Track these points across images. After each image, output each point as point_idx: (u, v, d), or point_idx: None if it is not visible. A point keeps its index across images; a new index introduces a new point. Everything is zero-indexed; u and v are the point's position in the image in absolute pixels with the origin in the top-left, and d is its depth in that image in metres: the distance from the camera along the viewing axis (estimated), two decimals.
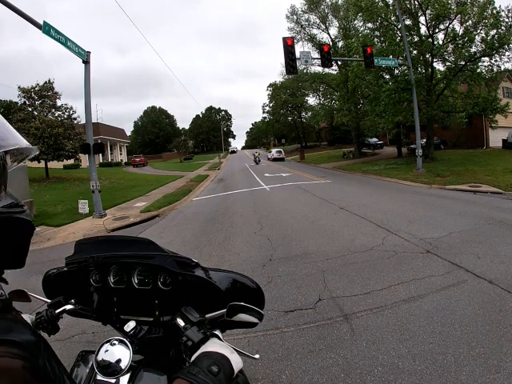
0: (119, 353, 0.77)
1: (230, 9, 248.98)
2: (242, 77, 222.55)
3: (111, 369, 0.75)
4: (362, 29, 21.91)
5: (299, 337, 2.52)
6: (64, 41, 7.95)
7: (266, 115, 60.66)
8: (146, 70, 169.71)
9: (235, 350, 0.83)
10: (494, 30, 14.83)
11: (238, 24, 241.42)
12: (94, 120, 11.30)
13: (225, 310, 0.82)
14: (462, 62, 15.80)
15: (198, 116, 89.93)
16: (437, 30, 16.80)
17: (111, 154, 42.34)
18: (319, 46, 20.35)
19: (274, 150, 35.97)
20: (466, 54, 15.45)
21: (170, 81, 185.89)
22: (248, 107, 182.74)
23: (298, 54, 13.64)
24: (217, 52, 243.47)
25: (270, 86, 52.33)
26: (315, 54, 22.26)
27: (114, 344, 0.78)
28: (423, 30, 17.08)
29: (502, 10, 14.74)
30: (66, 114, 20.14)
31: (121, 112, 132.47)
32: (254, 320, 0.84)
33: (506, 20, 14.76)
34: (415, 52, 16.72)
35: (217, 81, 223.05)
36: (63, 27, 7.93)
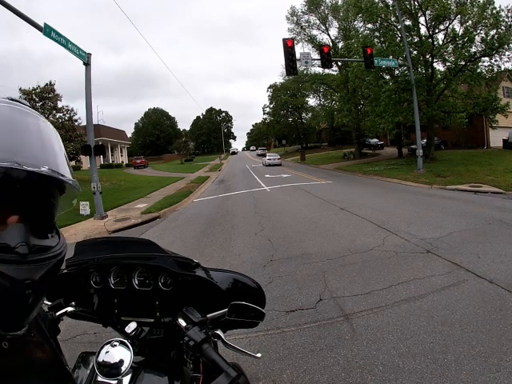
0: (120, 354, 0.76)
1: (230, 9, 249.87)
2: (242, 77, 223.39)
3: (112, 370, 0.75)
4: (361, 29, 21.90)
5: (300, 336, 2.52)
6: (65, 43, 7.98)
7: (266, 116, 60.59)
8: (146, 71, 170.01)
9: (238, 349, 0.83)
10: (494, 30, 14.87)
11: (237, 24, 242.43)
12: (94, 122, 11.32)
13: (226, 309, 0.83)
14: (462, 62, 15.79)
15: (198, 117, 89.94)
16: (437, 31, 16.83)
17: (112, 155, 42.30)
18: (319, 46, 20.29)
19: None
20: (466, 54, 15.44)
21: (170, 81, 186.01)
22: (248, 107, 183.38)
23: (298, 55, 13.67)
24: (216, 52, 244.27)
25: (270, 87, 52.38)
26: (315, 55, 22.37)
27: (115, 345, 0.78)
28: (423, 30, 17.14)
29: (502, 10, 14.79)
30: (67, 115, 20.19)
31: (121, 113, 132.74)
32: (256, 319, 0.85)
33: (506, 20, 14.81)
34: (415, 52, 16.72)
35: (217, 81, 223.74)
36: (60, 26, 7.97)
